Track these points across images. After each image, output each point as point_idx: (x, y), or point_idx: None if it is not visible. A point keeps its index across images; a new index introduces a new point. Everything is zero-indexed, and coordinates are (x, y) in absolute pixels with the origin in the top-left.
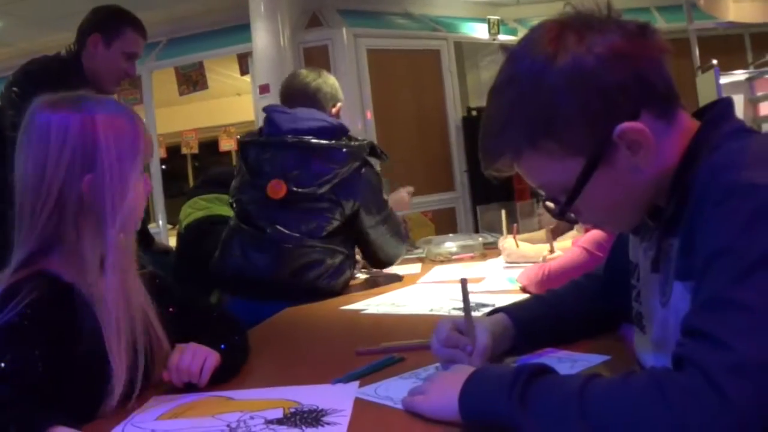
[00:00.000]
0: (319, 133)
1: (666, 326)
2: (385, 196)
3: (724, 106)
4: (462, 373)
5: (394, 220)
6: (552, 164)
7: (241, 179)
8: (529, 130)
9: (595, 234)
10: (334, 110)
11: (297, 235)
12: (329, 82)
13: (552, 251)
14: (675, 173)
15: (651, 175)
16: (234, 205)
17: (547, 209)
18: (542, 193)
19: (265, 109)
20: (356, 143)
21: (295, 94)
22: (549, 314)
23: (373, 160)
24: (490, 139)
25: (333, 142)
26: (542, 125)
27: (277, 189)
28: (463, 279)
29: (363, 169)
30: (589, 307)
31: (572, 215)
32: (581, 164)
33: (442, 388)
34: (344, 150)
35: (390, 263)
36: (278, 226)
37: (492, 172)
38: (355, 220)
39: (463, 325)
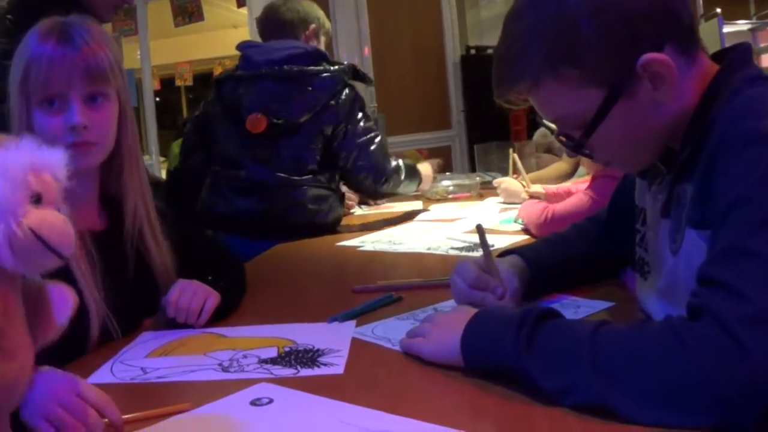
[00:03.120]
0: (294, 60)
1: (675, 274)
2: (370, 123)
3: (743, 50)
4: (465, 314)
5: (375, 149)
6: (571, 94)
7: (216, 117)
8: (550, 55)
9: (601, 183)
10: (307, 33)
11: (282, 175)
12: (299, 6)
13: (528, 187)
14: (693, 115)
15: (670, 113)
16: (213, 146)
17: (562, 143)
18: (555, 127)
19: (239, 47)
20: (336, 67)
21: (266, 27)
22: (558, 258)
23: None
24: (506, 65)
25: (313, 68)
26: (564, 50)
27: (257, 123)
28: (478, 225)
29: (344, 92)
30: (593, 250)
31: (587, 151)
32: (601, 96)
33: (444, 330)
34: (323, 75)
35: (371, 195)
36: (261, 166)
37: (503, 102)
38: (334, 143)
39: (485, 268)
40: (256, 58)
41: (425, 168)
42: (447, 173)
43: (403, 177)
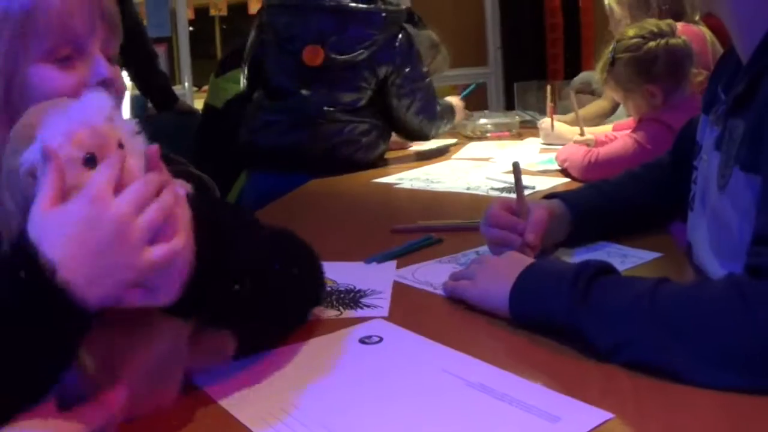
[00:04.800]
0: None
1: (719, 212)
2: (424, 68)
3: None
4: (515, 262)
5: (427, 95)
6: None
7: (268, 46)
8: None
9: (648, 127)
10: None
11: (332, 109)
12: None
13: (582, 134)
14: (761, 43)
15: None
16: (258, 75)
17: None
18: None
19: None
20: (393, 8)
21: None
22: (605, 205)
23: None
24: None
25: (372, 6)
26: None
27: (314, 55)
28: (515, 162)
29: (400, 35)
30: (647, 199)
31: None
32: None
33: (492, 276)
34: (383, 15)
35: (420, 138)
36: (311, 99)
37: None
38: (384, 87)
39: (516, 206)
40: None
41: (453, 100)
42: (485, 111)
43: (446, 119)
